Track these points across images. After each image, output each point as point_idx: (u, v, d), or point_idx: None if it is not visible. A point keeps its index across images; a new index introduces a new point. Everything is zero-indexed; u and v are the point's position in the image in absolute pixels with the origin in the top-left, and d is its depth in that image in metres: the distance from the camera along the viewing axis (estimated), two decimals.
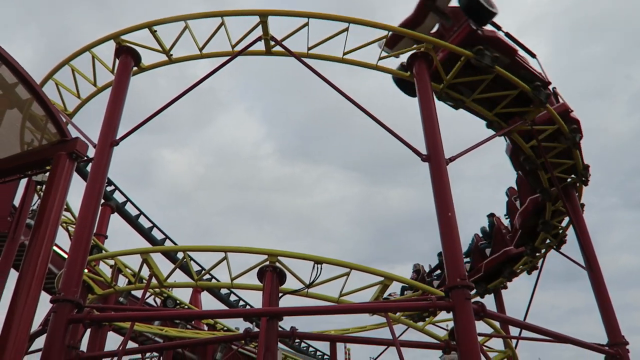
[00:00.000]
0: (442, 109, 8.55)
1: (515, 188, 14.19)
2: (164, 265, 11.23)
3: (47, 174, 5.65)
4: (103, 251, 14.11)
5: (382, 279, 9.38)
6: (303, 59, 9.17)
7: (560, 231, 13.42)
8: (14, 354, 4.69)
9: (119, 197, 19.00)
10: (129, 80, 8.82)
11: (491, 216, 15.73)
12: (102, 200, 12.88)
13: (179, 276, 16.46)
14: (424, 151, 7.86)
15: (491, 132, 10.46)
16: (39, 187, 12.07)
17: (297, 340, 31.06)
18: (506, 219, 15.17)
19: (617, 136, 68.02)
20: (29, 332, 5.14)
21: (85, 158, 4.65)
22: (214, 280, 16.81)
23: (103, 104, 8.36)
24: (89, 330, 12.86)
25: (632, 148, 67.66)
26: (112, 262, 11.69)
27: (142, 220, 19.86)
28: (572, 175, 11.81)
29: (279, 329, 8.23)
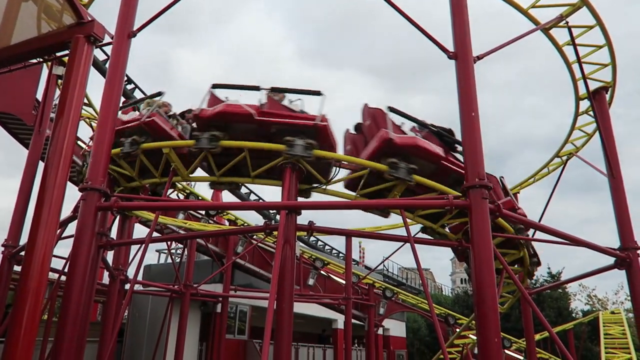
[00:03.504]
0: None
1: None
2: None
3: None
4: None
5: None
6: None
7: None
8: (47, 236, 4.96)
9: (139, 96, 19.03)
10: None
11: None
12: (123, 99, 12.86)
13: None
14: (450, 49, 7.51)
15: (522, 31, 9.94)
16: (59, 81, 12.10)
17: (313, 239, 32.44)
18: None
19: None
20: (58, 217, 5.38)
21: (103, 42, 4.55)
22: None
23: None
24: (117, 222, 13.54)
25: None
26: None
27: None
28: None
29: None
